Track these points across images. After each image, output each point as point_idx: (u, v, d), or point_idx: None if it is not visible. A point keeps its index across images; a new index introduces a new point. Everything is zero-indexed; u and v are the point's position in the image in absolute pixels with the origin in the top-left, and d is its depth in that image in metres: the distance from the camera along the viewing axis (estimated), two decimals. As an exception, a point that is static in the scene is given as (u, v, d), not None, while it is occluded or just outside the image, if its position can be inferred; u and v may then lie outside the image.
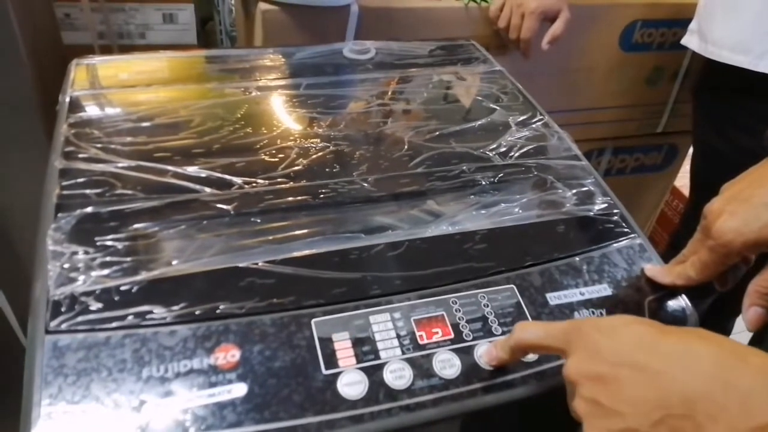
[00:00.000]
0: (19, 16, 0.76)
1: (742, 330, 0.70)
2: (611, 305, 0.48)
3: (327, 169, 0.56)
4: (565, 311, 0.47)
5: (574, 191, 0.57)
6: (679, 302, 0.49)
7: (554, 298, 0.47)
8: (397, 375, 0.41)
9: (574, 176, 0.59)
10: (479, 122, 0.65)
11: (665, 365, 0.32)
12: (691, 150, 1.09)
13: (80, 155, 0.53)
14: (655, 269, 0.51)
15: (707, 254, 0.47)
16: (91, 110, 0.60)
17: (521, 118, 0.66)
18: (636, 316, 0.37)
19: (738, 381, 0.30)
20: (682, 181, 1.38)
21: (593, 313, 0.47)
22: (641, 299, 0.49)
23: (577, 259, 0.51)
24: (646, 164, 1.31)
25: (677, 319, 0.48)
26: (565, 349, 0.37)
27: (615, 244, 0.52)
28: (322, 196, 0.53)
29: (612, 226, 0.54)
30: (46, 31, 1.00)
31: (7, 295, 0.91)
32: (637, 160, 1.30)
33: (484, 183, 0.56)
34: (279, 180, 0.53)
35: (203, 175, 0.53)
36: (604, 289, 0.49)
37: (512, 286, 0.48)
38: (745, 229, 0.44)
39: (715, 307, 1.18)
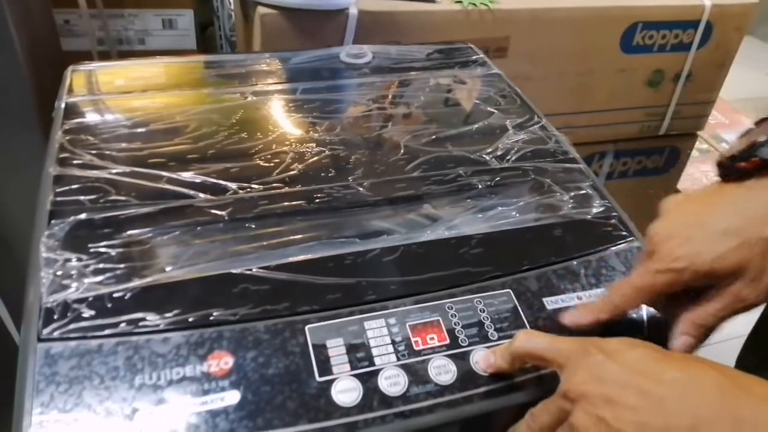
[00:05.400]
0: (16, 23, 0.76)
1: (740, 335, 0.70)
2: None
3: (322, 174, 0.55)
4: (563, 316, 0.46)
5: (572, 194, 0.56)
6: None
7: (551, 302, 0.47)
8: (392, 381, 0.41)
9: (571, 179, 0.58)
10: (476, 126, 0.65)
11: (670, 392, 0.32)
12: (693, 152, 1.08)
13: (75, 161, 0.53)
14: (573, 313, 0.45)
15: (651, 278, 0.42)
16: (87, 116, 0.60)
17: (518, 121, 0.65)
18: (636, 339, 0.37)
19: (742, 410, 0.30)
20: (685, 183, 1.38)
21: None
22: (639, 303, 0.48)
23: (575, 263, 0.50)
24: (649, 167, 1.30)
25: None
26: (565, 365, 0.37)
27: (613, 248, 0.52)
28: (317, 201, 0.52)
29: (610, 229, 0.54)
30: (45, 37, 1.00)
31: (5, 302, 0.91)
32: (639, 163, 1.29)
33: (480, 187, 0.56)
34: (274, 185, 0.53)
35: (198, 180, 0.52)
36: (602, 293, 0.48)
37: (509, 290, 0.47)
38: (697, 259, 0.40)
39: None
